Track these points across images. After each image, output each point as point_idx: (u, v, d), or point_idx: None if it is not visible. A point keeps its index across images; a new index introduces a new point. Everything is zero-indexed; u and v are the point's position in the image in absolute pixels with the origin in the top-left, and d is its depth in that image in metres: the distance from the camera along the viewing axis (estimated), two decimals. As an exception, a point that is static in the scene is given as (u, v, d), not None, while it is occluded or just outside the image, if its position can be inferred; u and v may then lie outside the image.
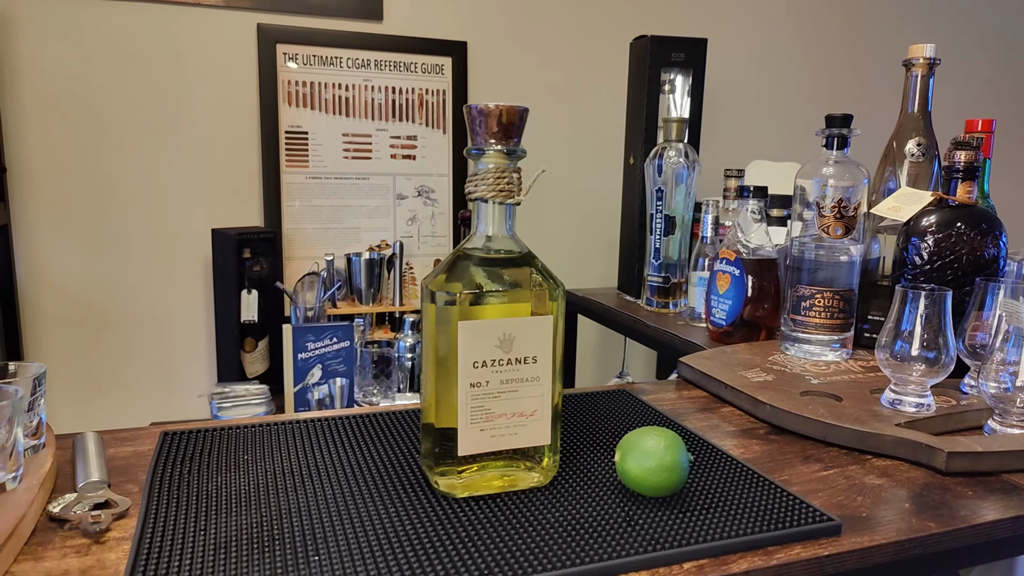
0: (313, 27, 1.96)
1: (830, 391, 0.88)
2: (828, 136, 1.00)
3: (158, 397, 1.96)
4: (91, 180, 1.83)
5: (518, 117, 0.58)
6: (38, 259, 1.82)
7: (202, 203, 1.93)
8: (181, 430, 0.73)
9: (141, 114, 1.84)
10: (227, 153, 1.94)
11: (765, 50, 2.40)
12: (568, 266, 2.29)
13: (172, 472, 0.64)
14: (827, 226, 0.99)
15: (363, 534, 0.54)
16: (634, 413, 0.82)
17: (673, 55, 1.52)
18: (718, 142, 2.36)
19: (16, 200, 1.77)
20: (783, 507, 0.60)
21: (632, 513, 0.58)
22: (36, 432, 0.64)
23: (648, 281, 1.48)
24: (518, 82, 2.17)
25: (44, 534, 0.54)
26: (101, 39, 1.79)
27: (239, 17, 1.89)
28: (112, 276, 1.88)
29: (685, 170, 1.42)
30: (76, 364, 1.88)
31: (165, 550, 0.51)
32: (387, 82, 2.06)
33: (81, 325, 1.87)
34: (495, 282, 0.59)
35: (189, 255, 1.94)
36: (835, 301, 1.01)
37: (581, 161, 2.26)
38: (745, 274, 1.16)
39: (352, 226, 2.08)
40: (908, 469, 0.71)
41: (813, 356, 1.02)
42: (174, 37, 1.84)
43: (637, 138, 1.56)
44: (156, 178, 1.88)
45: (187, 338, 1.97)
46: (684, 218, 1.45)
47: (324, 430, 0.74)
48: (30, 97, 1.75)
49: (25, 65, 1.73)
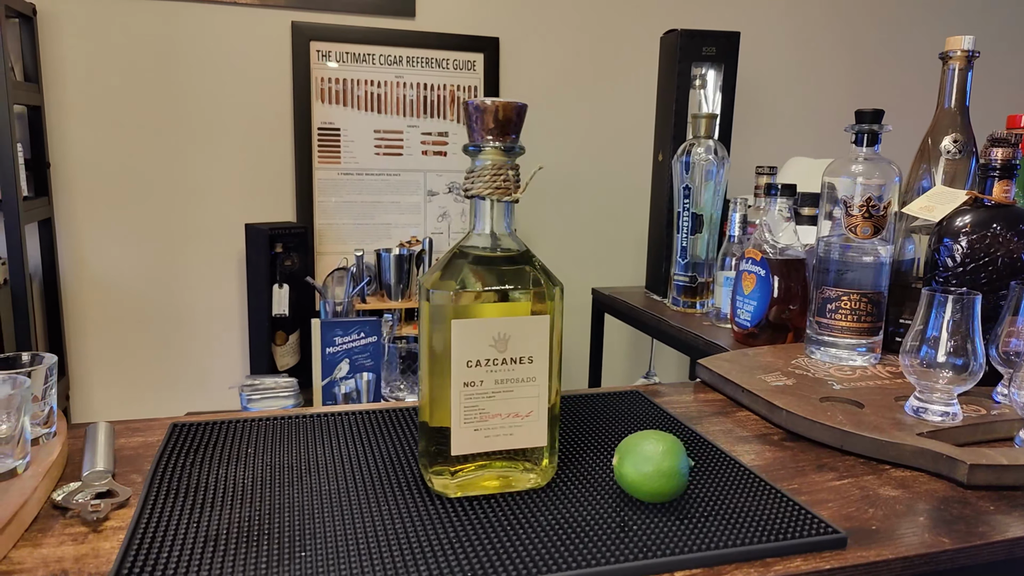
0: (346, 24, 1.98)
1: (852, 397, 0.84)
2: (857, 132, 0.97)
3: (194, 388, 2.01)
4: (130, 176, 1.88)
5: (515, 113, 0.57)
6: (80, 252, 1.88)
7: (237, 198, 1.97)
8: (189, 422, 0.74)
9: (178, 111, 1.89)
10: (261, 149, 1.97)
11: (800, 43, 2.34)
12: (598, 264, 2.27)
13: (175, 463, 0.65)
14: (855, 226, 0.96)
15: (351, 531, 0.54)
16: (644, 416, 0.81)
17: (704, 49, 1.49)
18: (753, 138, 2.31)
19: (59, 195, 1.83)
20: (787, 517, 0.58)
21: (627, 519, 0.57)
22: (47, 421, 0.66)
23: (674, 280, 1.45)
24: (550, 78, 2.16)
25: (46, 521, 0.56)
26: (141, 38, 1.83)
27: (274, 15, 1.92)
28: (150, 269, 1.93)
29: (714, 167, 1.39)
30: (116, 354, 1.94)
31: (157, 541, 0.52)
32: (419, 78, 2.07)
33: (121, 317, 1.93)
34: (490, 281, 0.58)
35: (224, 249, 1.98)
36: (862, 304, 0.97)
37: (613, 158, 2.23)
38: (771, 274, 1.13)
39: (383, 222, 2.10)
40: (928, 481, 0.68)
41: (839, 360, 0.99)
42: (211, 36, 1.88)
43: (666, 134, 1.54)
44: (192, 174, 1.93)
45: (222, 331, 2.01)
46: (712, 216, 1.42)
47: (333, 425, 0.75)
48: (73, 95, 1.81)
49: (68, 64, 1.79)
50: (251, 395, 1.75)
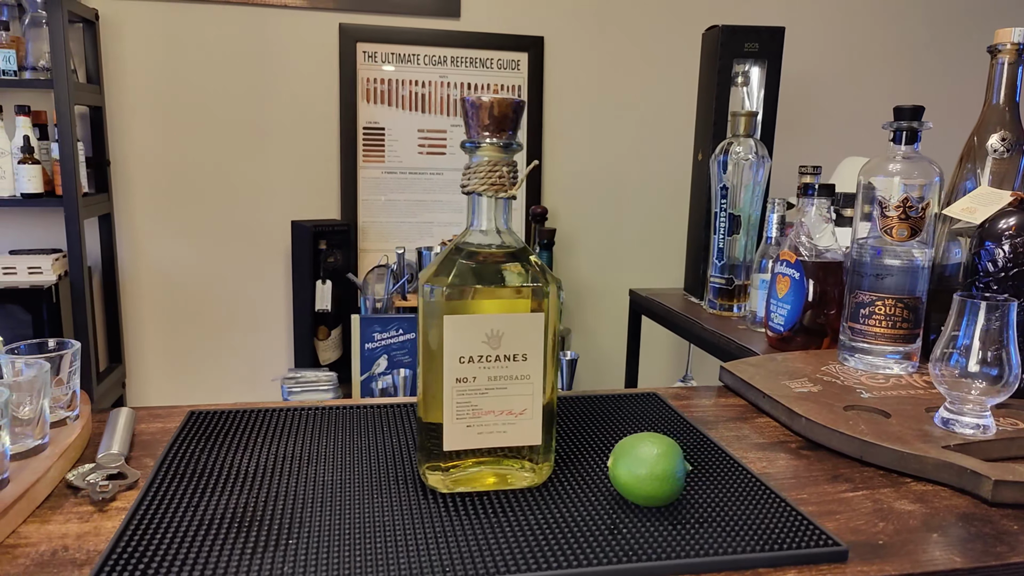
0: (392, 25, 2.01)
1: (879, 407, 0.81)
2: (896, 129, 0.92)
3: (243, 378, 2.07)
4: (185, 173, 1.96)
5: (511, 110, 0.56)
6: (137, 246, 1.96)
7: (284, 196, 2.02)
8: (206, 410, 0.77)
9: (230, 111, 1.95)
10: (309, 148, 2.02)
11: (849, 38, 2.25)
12: (639, 265, 2.24)
13: (186, 449, 0.67)
14: (890, 227, 0.92)
15: (338, 522, 0.54)
16: (657, 418, 0.79)
17: (746, 45, 1.45)
18: (803, 137, 2.24)
19: (118, 191, 1.92)
20: (786, 527, 0.55)
21: (618, 521, 0.56)
22: (70, 404, 0.69)
23: (710, 282, 1.42)
24: (594, 76, 2.14)
25: (57, 499, 0.58)
26: (195, 41, 1.90)
27: (322, 17, 1.96)
28: (202, 264, 2.01)
29: (753, 167, 1.35)
30: (170, 345, 2.02)
31: (154, 523, 0.53)
32: (463, 78, 2.08)
33: (174, 309, 2.01)
34: (485, 277, 0.58)
35: (272, 246, 2.04)
36: (898, 309, 0.93)
37: (657, 157, 2.20)
38: (805, 278, 1.09)
39: (425, 220, 2.12)
40: (950, 496, 0.64)
41: (874, 368, 0.95)
42: (262, 38, 1.94)
43: (706, 133, 1.50)
44: (243, 172, 1.99)
45: (269, 324, 2.07)
46: (751, 217, 1.38)
47: (346, 418, 0.76)
48: (132, 96, 1.89)
49: (128, 67, 1.87)
50: (292, 387, 1.80)
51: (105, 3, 1.82)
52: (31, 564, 0.49)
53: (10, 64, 1.60)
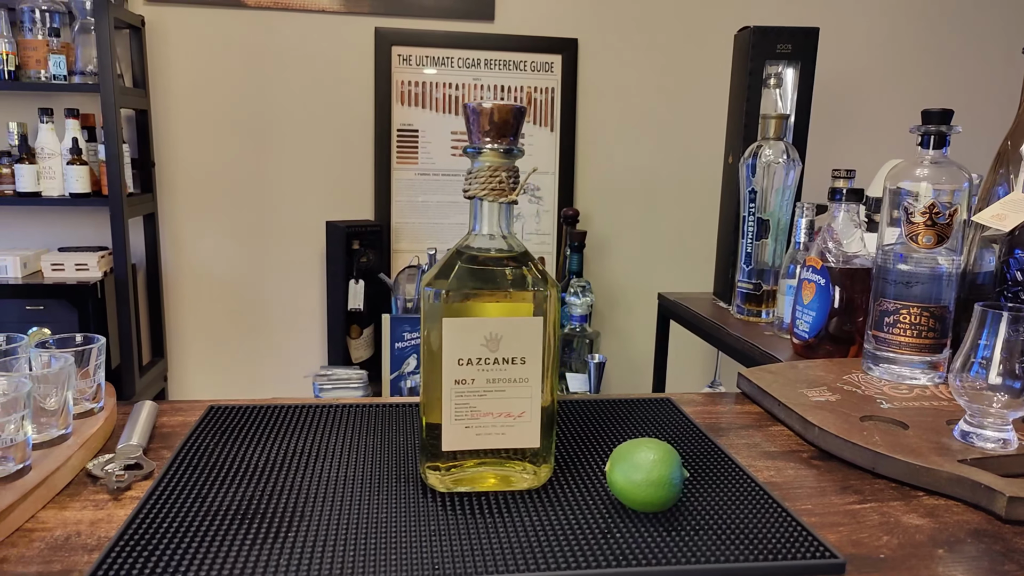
0: (426, 29, 2.04)
1: (898, 418, 0.79)
2: (923, 134, 0.90)
3: (279, 375, 2.12)
4: (225, 174, 2.02)
5: (511, 116, 0.57)
6: (180, 245, 2.03)
7: (320, 197, 2.07)
8: (226, 405, 0.79)
9: (269, 114, 2.00)
10: (344, 150, 2.06)
11: (888, 40, 2.19)
12: (671, 268, 2.22)
13: (202, 443, 0.70)
14: (916, 234, 0.89)
15: (337, 517, 0.56)
16: (666, 424, 0.79)
17: (779, 47, 1.43)
18: (841, 141, 2.19)
19: (162, 192, 1.99)
20: (783, 537, 0.55)
21: (613, 526, 0.56)
22: (95, 396, 0.73)
23: (738, 287, 1.40)
24: (628, 78, 2.13)
25: (76, 487, 0.61)
26: (236, 45, 1.96)
27: (359, 22, 2.00)
28: (241, 262, 2.06)
29: (783, 170, 1.33)
30: (210, 341, 2.08)
31: (163, 513, 0.56)
32: (496, 81, 2.10)
33: (215, 306, 2.07)
34: (484, 281, 0.58)
35: (308, 245, 2.09)
36: (923, 318, 0.90)
37: (691, 160, 2.17)
38: (831, 284, 1.07)
39: (458, 222, 2.14)
40: (963, 512, 0.62)
41: (900, 378, 0.92)
42: (300, 43, 1.99)
43: (736, 136, 1.48)
44: (281, 173, 2.04)
45: (303, 322, 2.12)
46: (781, 221, 1.36)
47: (362, 416, 0.77)
48: (176, 99, 1.96)
49: (172, 71, 1.94)
50: (323, 385, 1.84)
51: (151, 9, 1.89)
52: (45, 548, 0.52)
53: (60, 69, 1.67)
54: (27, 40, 1.67)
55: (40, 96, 1.82)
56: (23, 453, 0.58)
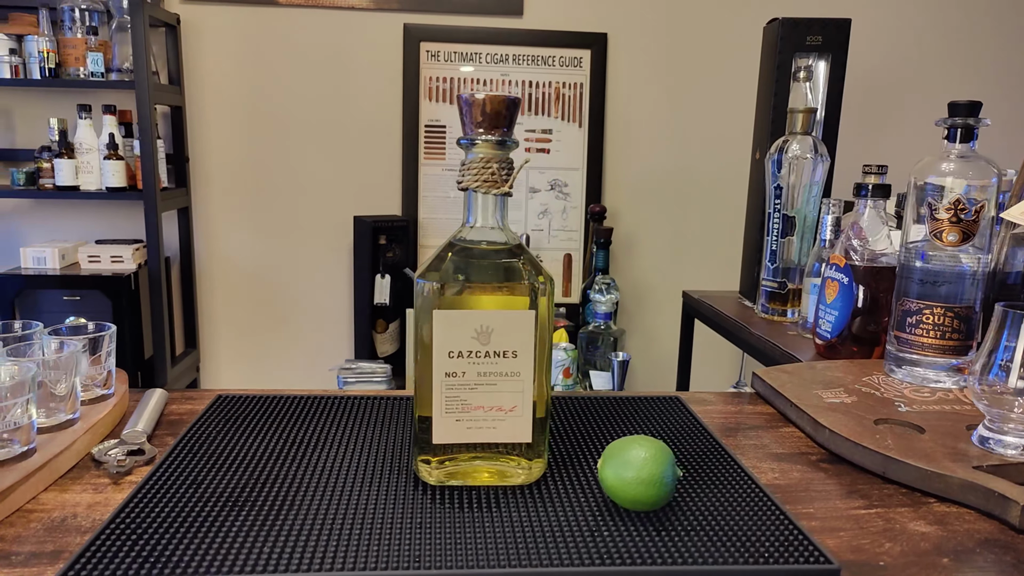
0: (455, 25, 2.04)
1: (916, 421, 0.76)
2: (950, 127, 0.87)
3: (306, 367, 2.16)
4: (257, 169, 2.05)
5: (504, 107, 0.56)
6: (212, 238, 2.07)
7: (348, 192, 2.09)
8: (233, 395, 0.80)
9: (299, 110, 2.03)
10: (372, 146, 2.08)
11: (926, 31, 2.11)
12: (700, 265, 2.18)
13: (205, 431, 0.71)
14: (940, 231, 0.86)
15: (325, 506, 0.56)
16: (672, 423, 0.77)
17: (809, 39, 1.39)
18: (878, 135, 2.12)
19: (196, 186, 2.03)
20: (778, 541, 0.53)
21: (602, 524, 0.55)
22: (106, 383, 0.74)
23: (762, 286, 1.37)
24: (657, 72, 2.10)
25: (80, 471, 0.63)
26: (268, 43, 1.99)
27: (387, 18, 2.01)
28: (271, 256, 2.10)
29: (810, 166, 1.29)
30: (240, 332, 2.12)
31: (157, 497, 0.57)
32: (524, 76, 2.09)
33: (245, 298, 2.11)
34: (475, 273, 0.58)
35: (336, 240, 2.11)
36: (947, 319, 0.87)
37: (721, 155, 2.13)
38: (854, 283, 1.04)
39: (484, 217, 2.14)
40: (975, 520, 0.60)
41: (922, 381, 0.89)
42: (330, 40, 2.01)
43: (763, 131, 1.45)
44: (310, 168, 2.07)
45: (331, 316, 2.15)
46: (807, 218, 1.32)
47: (365, 408, 0.78)
48: (209, 96, 2.00)
49: (206, 68, 1.98)
50: (347, 378, 1.86)
51: (186, 8, 1.93)
52: (41, 528, 0.53)
53: (98, 66, 1.72)
54: (67, 38, 1.73)
55: (79, 93, 1.88)
56: (28, 436, 0.60)
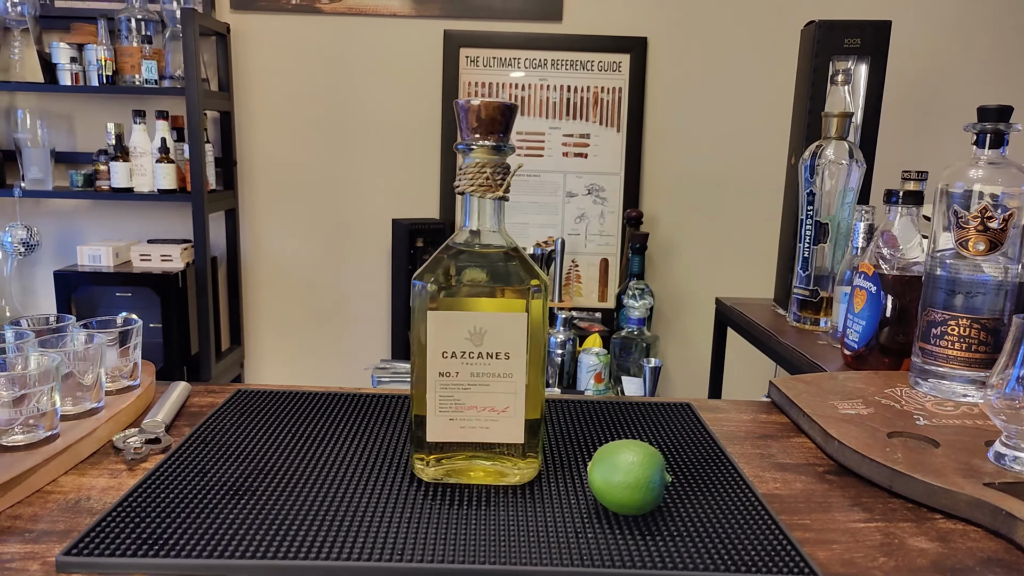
0: (494, 30, 2.06)
1: (934, 435, 0.74)
2: (979, 132, 0.84)
3: (345, 365, 2.21)
4: (300, 173, 2.11)
5: (499, 113, 0.57)
6: (258, 239, 2.14)
7: (389, 195, 2.13)
8: (252, 389, 0.84)
9: (342, 115, 2.08)
10: (412, 150, 2.12)
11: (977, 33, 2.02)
12: (740, 272, 2.15)
13: (221, 423, 0.74)
14: (966, 240, 0.83)
15: (320, 498, 0.58)
16: (678, 429, 0.77)
17: (847, 41, 1.36)
18: (918, 140, 2.05)
19: (243, 188, 2.11)
20: (764, 550, 0.53)
21: (587, 526, 0.55)
22: (132, 374, 0.78)
23: (794, 293, 1.34)
24: (698, 76, 2.08)
25: (99, 457, 0.66)
26: (314, 50, 2.05)
27: (428, 25, 2.05)
28: (314, 257, 2.15)
29: (845, 171, 1.26)
30: (282, 330, 2.19)
31: (164, 484, 0.60)
32: (562, 81, 2.09)
33: (289, 297, 2.17)
34: (470, 275, 0.59)
35: (375, 242, 2.15)
36: (974, 331, 0.84)
37: (761, 160, 2.10)
38: (882, 292, 1.01)
39: (520, 221, 2.16)
40: (981, 539, 0.58)
41: (947, 395, 0.86)
42: (373, 46, 2.05)
43: (799, 136, 1.42)
44: (351, 172, 2.12)
45: (370, 316, 2.19)
46: (841, 225, 1.29)
47: (374, 405, 0.80)
48: (257, 102, 2.07)
49: (254, 74, 2.05)
50: (381, 377, 1.89)
51: (236, 17, 2.00)
52: (55, 508, 0.57)
53: (152, 74, 1.80)
54: (123, 47, 1.82)
55: (134, 99, 1.97)
56: (52, 422, 0.64)
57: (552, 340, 1.92)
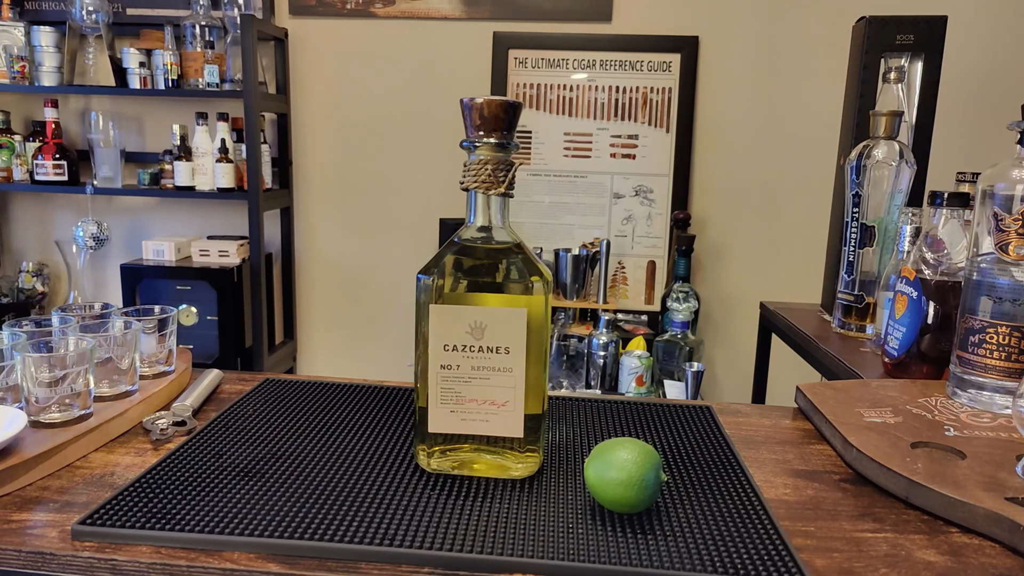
0: (543, 32, 2.07)
1: (961, 447, 0.71)
2: (1022, 131, 0.80)
3: (392, 360, 2.25)
4: (352, 173, 2.17)
5: (503, 111, 0.58)
6: (311, 236, 2.21)
7: (437, 195, 2.17)
8: (279, 379, 0.87)
9: (394, 116, 2.13)
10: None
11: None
12: (789, 276, 2.09)
13: (245, 409, 0.77)
14: (1006, 243, 0.79)
15: (323, 481, 0.60)
16: (693, 431, 0.76)
17: (899, 38, 1.31)
18: (976, 141, 1.94)
19: (297, 188, 2.18)
20: (758, 554, 0.52)
21: (580, 521, 0.55)
22: (167, 360, 0.83)
23: (838, 298, 1.30)
24: (749, 76, 2.03)
25: (129, 436, 0.70)
26: (366, 53, 2.10)
27: (478, 27, 2.07)
28: (364, 254, 2.21)
29: (893, 172, 1.22)
30: (333, 324, 2.25)
31: (182, 463, 0.63)
32: (611, 81, 2.08)
33: (339, 293, 2.24)
34: (472, 270, 0.60)
35: (424, 240, 2.19)
36: (1014, 339, 0.80)
37: (812, 161, 2.04)
38: (924, 298, 0.97)
39: (567, 222, 2.16)
40: (996, 555, 0.55)
41: (986, 405, 0.82)
42: (424, 49, 2.09)
43: (848, 135, 1.38)
44: (402, 172, 2.16)
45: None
46: (889, 228, 1.24)
47: (394, 397, 0.82)
48: (312, 104, 2.13)
49: (310, 77, 2.12)
50: (424, 373, 1.91)
51: (293, 23, 2.08)
52: (80, 481, 0.61)
53: (214, 77, 1.89)
54: (188, 52, 1.91)
55: (197, 101, 2.06)
56: (85, 401, 0.68)
57: (594, 342, 1.92)
